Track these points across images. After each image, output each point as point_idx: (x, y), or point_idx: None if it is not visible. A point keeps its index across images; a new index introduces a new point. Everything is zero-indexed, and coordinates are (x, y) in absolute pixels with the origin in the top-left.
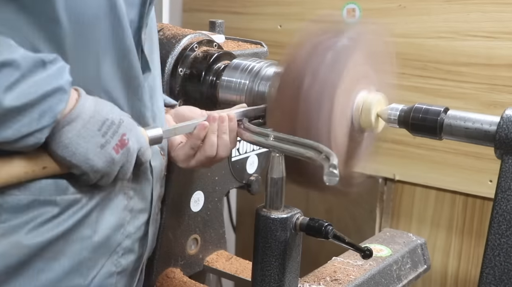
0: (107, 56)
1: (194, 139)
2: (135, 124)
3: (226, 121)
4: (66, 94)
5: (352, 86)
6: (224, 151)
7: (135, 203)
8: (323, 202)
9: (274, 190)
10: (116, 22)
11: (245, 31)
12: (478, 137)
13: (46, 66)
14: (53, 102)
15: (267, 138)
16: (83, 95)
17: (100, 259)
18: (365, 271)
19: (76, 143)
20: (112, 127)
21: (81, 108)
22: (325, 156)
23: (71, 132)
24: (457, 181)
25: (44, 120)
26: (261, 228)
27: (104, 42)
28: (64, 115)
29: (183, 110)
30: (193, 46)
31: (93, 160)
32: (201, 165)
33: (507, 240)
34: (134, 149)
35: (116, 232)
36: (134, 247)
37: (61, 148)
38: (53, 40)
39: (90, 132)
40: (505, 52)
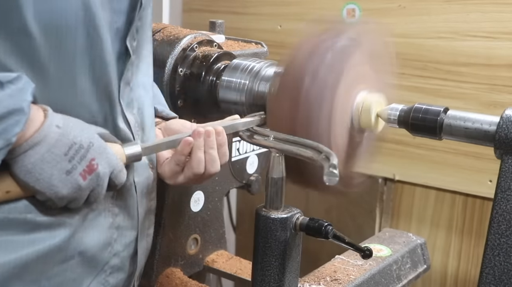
0: (84, 69)
1: (178, 155)
2: (106, 146)
3: (213, 135)
4: (25, 115)
5: (352, 87)
6: (213, 167)
7: (121, 220)
8: (323, 202)
9: (274, 190)
10: (93, 33)
11: (245, 31)
12: (478, 137)
13: (3, 86)
14: (9, 124)
15: (267, 139)
16: (50, 116)
17: (85, 279)
18: (365, 271)
19: (40, 168)
20: (80, 151)
21: (47, 131)
22: (325, 156)
23: (34, 157)
24: (457, 181)
25: None
26: (261, 228)
27: (80, 53)
28: (27, 138)
29: (173, 125)
30: (193, 46)
31: (57, 186)
32: (190, 182)
33: (507, 240)
34: (105, 173)
35: (103, 250)
36: (123, 265)
37: (24, 172)
38: (25, 53)
39: (55, 157)
40: (505, 52)
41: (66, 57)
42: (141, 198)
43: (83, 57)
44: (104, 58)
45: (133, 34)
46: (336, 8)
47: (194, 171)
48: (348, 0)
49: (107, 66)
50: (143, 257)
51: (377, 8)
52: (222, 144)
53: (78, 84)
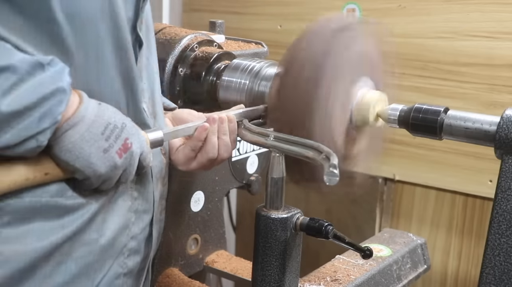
0: (107, 56)
1: (195, 141)
2: (138, 128)
3: (225, 122)
4: (66, 95)
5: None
6: (225, 152)
7: (139, 203)
8: (323, 202)
9: (274, 190)
10: (114, 21)
11: (245, 31)
12: (478, 138)
13: (44, 68)
14: (53, 104)
15: (267, 138)
16: (85, 99)
17: (107, 261)
18: (365, 271)
19: (80, 147)
20: (115, 131)
21: (84, 112)
22: (325, 155)
23: (74, 136)
24: (457, 181)
25: (44, 123)
26: (261, 228)
27: (102, 42)
28: (67, 119)
29: (181, 114)
30: (193, 46)
31: (96, 164)
32: (202, 167)
33: (507, 240)
34: (137, 153)
35: (122, 233)
36: (139, 248)
37: (64, 151)
38: (54, 42)
39: (93, 136)
40: (505, 52)
41: (90, 45)
42: (156, 182)
43: (105, 46)
44: (124, 46)
45: (140, 23)
46: (336, 8)
47: (209, 155)
48: (348, 0)
49: (127, 54)
50: (156, 241)
51: (377, 8)
52: (233, 131)
53: (103, 71)
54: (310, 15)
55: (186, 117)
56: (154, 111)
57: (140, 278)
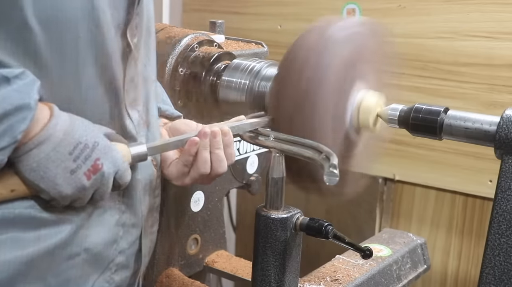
0: (88, 65)
1: (186, 156)
2: (111, 146)
3: (219, 136)
4: (31, 112)
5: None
6: (219, 167)
7: (127, 217)
8: (323, 202)
9: (274, 190)
10: (97, 27)
11: (245, 31)
12: (478, 138)
13: (10, 82)
14: (15, 121)
15: (267, 139)
16: (56, 114)
17: (91, 276)
18: (365, 271)
19: (45, 167)
20: (85, 151)
21: (52, 130)
22: (325, 155)
23: (39, 156)
24: (457, 181)
25: (3, 141)
26: (261, 228)
27: (82, 49)
28: (32, 136)
29: (178, 125)
30: (193, 46)
31: (61, 185)
32: (196, 182)
33: (507, 240)
34: (110, 173)
35: (109, 248)
36: (128, 263)
37: (29, 171)
38: (27, 51)
39: (60, 156)
40: (505, 52)
41: (68, 53)
42: (144, 195)
43: (86, 53)
44: (107, 53)
45: (132, 30)
46: (336, 8)
47: (200, 171)
48: (348, 0)
49: (111, 62)
50: (147, 255)
51: (377, 8)
52: (228, 144)
53: (82, 81)
54: (310, 15)
55: (182, 128)
56: (147, 120)
57: None
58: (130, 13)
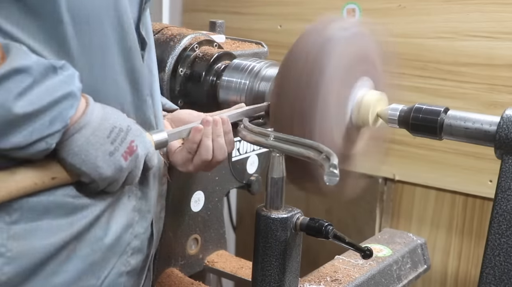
0: (112, 57)
1: (190, 143)
2: (142, 130)
3: (219, 124)
4: (77, 100)
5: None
6: (220, 154)
7: (142, 203)
8: (323, 202)
9: (274, 190)
10: (119, 22)
11: (245, 31)
12: (478, 138)
13: (57, 72)
14: (64, 108)
15: (267, 139)
16: (91, 103)
17: (111, 259)
18: (365, 271)
19: (86, 150)
20: (121, 134)
21: (90, 116)
22: (325, 155)
23: (80, 140)
24: (457, 181)
25: (55, 126)
26: (261, 228)
27: (108, 42)
28: (73, 122)
29: (180, 114)
30: (193, 46)
31: (102, 167)
32: (199, 169)
33: (507, 240)
34: (142, 155)
35: (126, 232)
36: (142, 247)
37: (71, 155)
38: (59, 42)
39: (99, 140)
40: (505, 52)
41: (95, 47)
42: (153, 181)
43: (111, 46)
44: (129, 46)
45: (143, 24)
46: (336, 8)
47: (203, 157)
48: (348, 0)
49: (132, 54)
50: (157, 239)
51: (377, 8)
52: (227, 132)
53: (107, 72)
54: (310, 15)
55: (185, 117)
56: (154, 110)
57: (142, 277)
58: (140, 9)
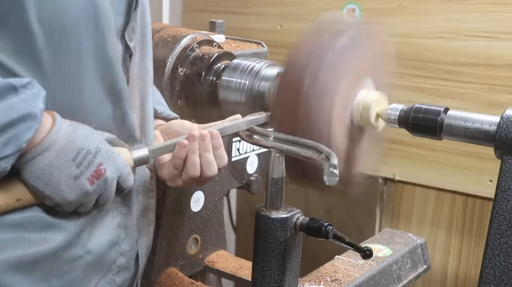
0: (89, 70)
1: (176, 159)
2: (113, 151)
3: (207, 139)
4: (37, 122)
5: (352, 86)
6: (209, 170)
7: (128, 220)
8: (323, 202)
9: (274, 190)
10: (98, 31)
11: (245, 31)
12: (478, 137)
13: (17, 91)
14: (20, 130)
15: (267, 139)
16: (58, 122)
17: (93, 278)
18: (365, 271)
19: (49, 173)
20: (88, 157)
21: (55, 137)
22: (325, 155)
23: (43, 163)
24: (457, 181)
25: (8, 149)
26: (261, 228)
27: (85, 53)
28: (36, 144)
29: (173, 126)
30: (193, 46)
31: (65, 191)
32: (189, 185)
33: (507, 240)
34: (113, 177)
35: (111, 250)
36: (129, 265)
37: (33, 178)
38: (30, 55)
39: (63, 163)
40: (505, 52)
41: (71, 58)
42: (137, 196)
43: (88, 57)
44: (109, 57)
45: (129, 33)
46: (336, 8)
47: (190, 174)
48: (348, 0)
49: (112, 66)
50: (144, 255)
51: (377, 8)
52: (217, 147)
53: (84, 85)
54: (310, 15)
55: (178, 129)
56: (144, 122)
57: None
58: (127, 17)
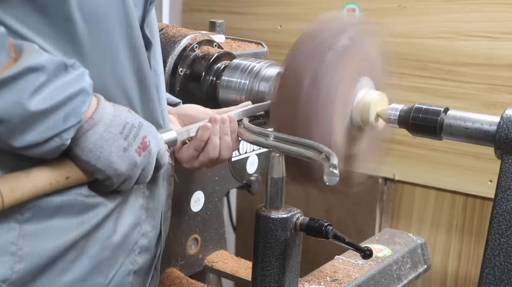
0: (121, 55)
1: (198, 141)
2: (153, 127)
3: (227, 122)
4: (89, 96)
5: (351, 86)
6: (226, 152)
7: (150, 202)
8: (323, 202)
9: (274, 190)
10: (127, 20)
11: (245, 31)
12: (478, 137)
13: (67, 70)
14: (77, 104)
15: (267, 139)
16: (102, 101)
17: (119, 258)
18: (365, 271)
19: (100, 147)
20: (133, 130)
21: (102, 113)
22: (325, 155)
23: (94, 137)
24: (457, 181)
25: (69, 121)
26: (261, 228)
27: (117, 41)
28: (87, 119)
29: (186, 110)
30: (193, 46)
31: (116, 163)
32: (204, 166)
33: (507, 240)
34: (155, 151)
35: (133, 231)
36: (150, 246)
37: (86, 152)
38: (70, 40)
39: (112, 136)
40: (505, 52)
41: (105, 45)
42: (162, 180)
43: (120, 44)
44: (137, 45)
45: (147, 25)
46: (336, 8)
47: (210, 155)
48: (348, 0)
49: (138, 54)
50: (164, 239)
51: (377, 8)
52: (234, 130)
53: (117, 70)
54: (310, 15)
55: (192, 113)
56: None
57: (148, 276)
58: (145, 10)
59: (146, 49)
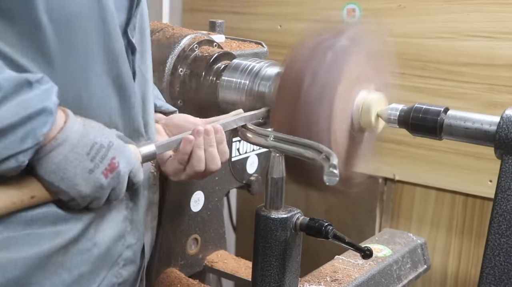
0: (97, 63)
1: (181, 155)
2: (125, 146)
3: (212, 134)
4: (52, 116)
5: (352, 86)
6: (213, 164)
7: (135, 213)
8: (323, 202)
9: (274, 190)
10: (103, 24)
11: (245, 31)
12: (478, 138)
13: (32, 86)
14: (37, 124)
15: (267, 139)
16: (71, 118)
17: (101, 271)
18: (365, 271)
19: (64, 168)
20: (101, 150)
21: (68, 132)
22: (325, 156)
23: (57, 157)
24: (457, 181)
25: (26, 143)
26: (261, 228)
27: (92, 46)
28: (51, 139)
29: (175, 120)
30: (193, 46)
31: (81, 185)
32: (192, 178)
33: (507, 240)
34: (125, 171)
35: (117, 243)
36: (135, 258)
37: (48, 173)
38: (38, 48)
39: (78, 157)
40: (505, 52)
41: (78, 52)
42: (143, 191)
43: (94, 51)
44: (114, 52)
45: (131, 30)
46: (336, 8)
47: (195, 169)
48: (348, 0)
49: (117, 60)
50: (148, 250)
51: (377, 8)
52: (221, 141)
53: (91, 79)
54: (310, 15)
55: (180, 123)
56: (144, 116)
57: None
58: (129, 14)
59: (132, 53)
